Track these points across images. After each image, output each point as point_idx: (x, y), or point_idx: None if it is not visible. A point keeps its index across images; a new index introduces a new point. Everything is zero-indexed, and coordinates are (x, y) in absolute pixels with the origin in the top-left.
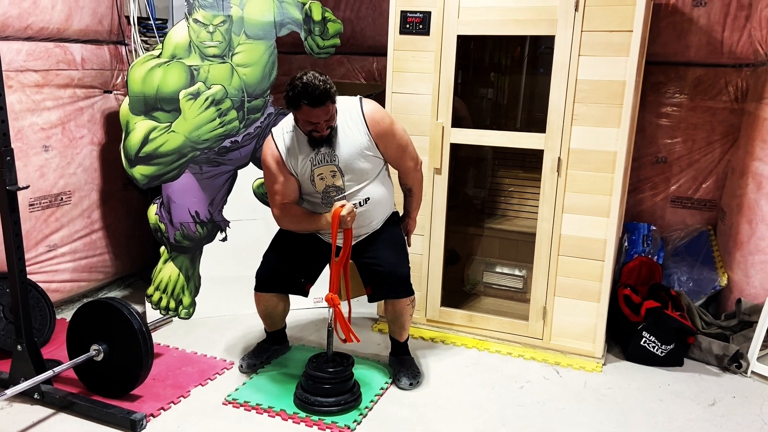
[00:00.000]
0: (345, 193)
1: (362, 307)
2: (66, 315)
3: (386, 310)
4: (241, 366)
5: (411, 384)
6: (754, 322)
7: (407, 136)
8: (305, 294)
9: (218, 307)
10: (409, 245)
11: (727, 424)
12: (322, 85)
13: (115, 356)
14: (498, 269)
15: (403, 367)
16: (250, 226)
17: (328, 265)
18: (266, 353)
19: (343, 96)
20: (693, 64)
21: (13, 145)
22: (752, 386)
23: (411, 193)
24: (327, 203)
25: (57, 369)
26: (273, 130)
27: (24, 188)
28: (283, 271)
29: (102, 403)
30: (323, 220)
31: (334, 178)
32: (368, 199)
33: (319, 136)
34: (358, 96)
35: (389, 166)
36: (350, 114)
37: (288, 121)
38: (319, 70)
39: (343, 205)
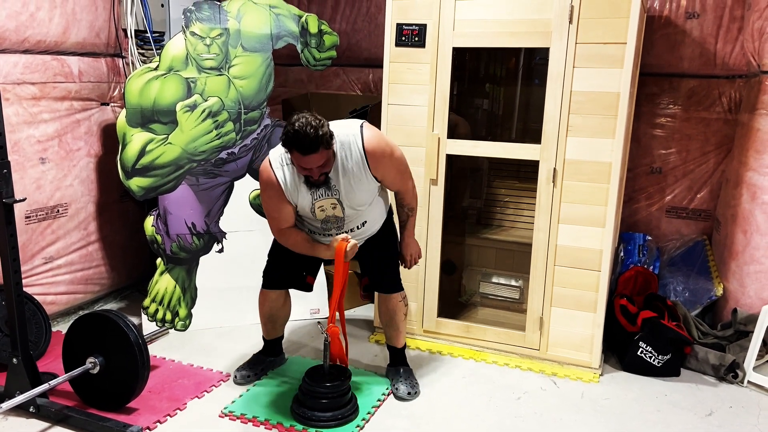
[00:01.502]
0: (344, 222)
1: (360, 311)
2: (62, 327)
3: (381, 312)
4: (236, 377)
5: (410, 393)
6: (750, 332)
7: (405, 160)
8: (309, 288)
9: (215, 318)
10: (410, 265)
11: None
12: (313, 132)
13: (111, 369)
14: (494, 279)
15: (401, 377)
16: (246, 238)
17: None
18: (261, 365)
19: (344, 122)
20: (687, 75)
21: (9, 158)
22: (749, 396)
23: (412, 212)
24: (326, 229)
25: (53, 382)
26: (271, 157)
27: (21, 201)
28: (286, 267)
29: (98, 416)
30: (321, 249)
31: (334, 210)
32: (366, 222)
33: (315, 180)
34: (360, 123)
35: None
36: (350, 149)
37: (286, 153)
38: (315, 115)
39: (346, 239)
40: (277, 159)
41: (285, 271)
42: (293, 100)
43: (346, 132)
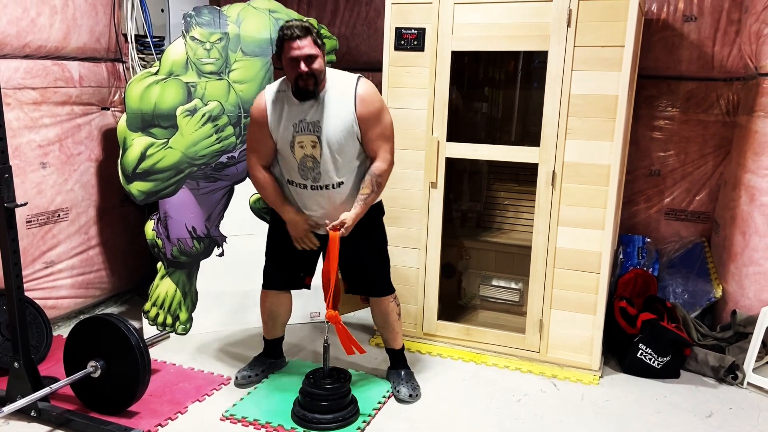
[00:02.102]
0: (320, 168)
1: (360, 314)
2: (63, 332)
3: (374, 315)
4: (237, 378)
5: (411, 396)
6: (749, 334)
7: (392, 130)
8: (308, 286)
9: (215, 322)
10: (334, 228)
11: None
12: (302, 23)
13: (113, 373)
14: (494, 282)
15: (402, 379)
16: (246, 241)
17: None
18: (262, 366)
19: (345, 72)
20: (685, 78)
21: (10, 163)
22: (749, 397)
23: (378, 187)
24: (303, 175)
25: (54, 386)
26: (266, 89)
27: (22, 205)
28: (283, 268)
29: (99, 420)
30: (287, 210)
31: (313, 148)
32: (342, 183)
33: (304, 84)
34: (359, 75)
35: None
36: (343, 90)
37: (282, 81)
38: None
39: (337, 228)
40: (271, 89)
41: (282, 271)
42: None
43: (343, 76)
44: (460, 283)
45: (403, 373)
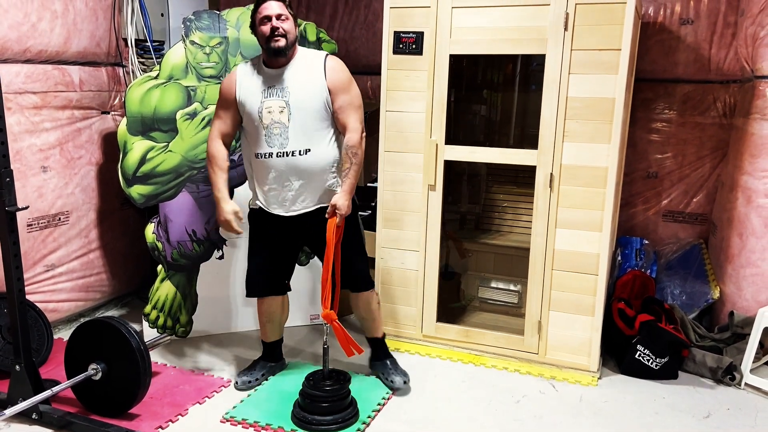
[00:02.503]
0: (288, 133)
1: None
2: (63, 335)
3: (356, 307)
4: (237, 383)
5: (405, 382)
6: (746, 335)
7: (360, 101)
8: (289, 289)
9: (215, 325)
10: (329, 215)
11: None
12: None
13: (113, 375)
14: (493, 284)
15: (390, 368)
16: (246, 244)
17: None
18: (262, 370)
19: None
20: (681, 80)
21: (12, 166)
22: (746, 398)
23: (355, 157)
24: (269, 143)
25: (55, 389)
26: (240, 63)
27: (23, 209)
28: (267, 275)
29: (100, 422)
30: (218, 191)
31: (281, 113)
32: (309, 150)
33: (276, 41)
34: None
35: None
36: (313, 61)
37: (254, 57)
38: None
39: (332, 215)
40: (243, 63)
41: (267, 279)
42: None
43: (313, 51)
44: (459, 285)
45: (389, 362)
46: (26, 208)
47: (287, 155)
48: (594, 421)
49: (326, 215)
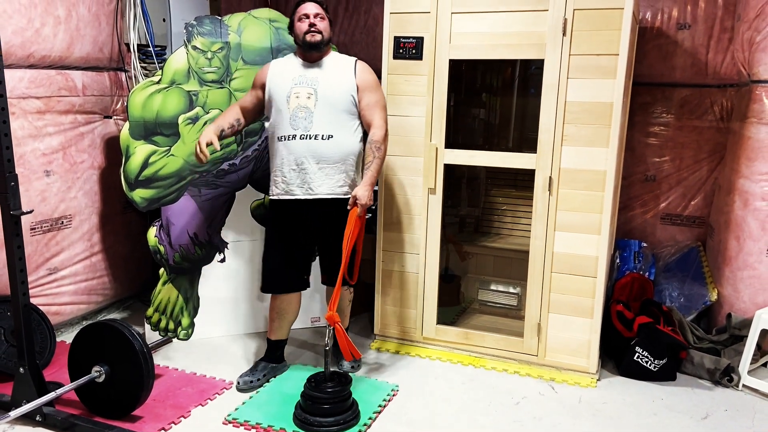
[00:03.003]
0: (312, 117)
1: (359, 319)
2: (66, 337)
3: (328, 298)
4: (239, 383)
5: (353, 366)
6: (744, 336)
7: (385, 102)
8: (307, 285)
9: (217, 327)
10: (350, 206)
11: None
12: None
13: (117, 377)
14: (493, 287)
15: (342, 355)
16: (248, 247)
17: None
18: (264, 371)
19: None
20: (679, 84)
21: (16, 171)
22: (744, 399)
23: (379, 152)
24: (293, 125)
25: (59, 391)
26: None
27: (28, 213)
28: (284, 271)
29: (103, 424)
30: (213, 123)
31: (308, 99)
32: (331, 137)
33: (312, 36)
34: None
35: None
36: (344, 62)
37: (290, 54)
38: None
39: (354, 206)
40: (282, 56)
41: (284, 275)
42: None
43: (344, 56)
44: (459, 288)
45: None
46: (31, 211)
47: (310, 138)
48: (593, 422)
49: (348, 207)
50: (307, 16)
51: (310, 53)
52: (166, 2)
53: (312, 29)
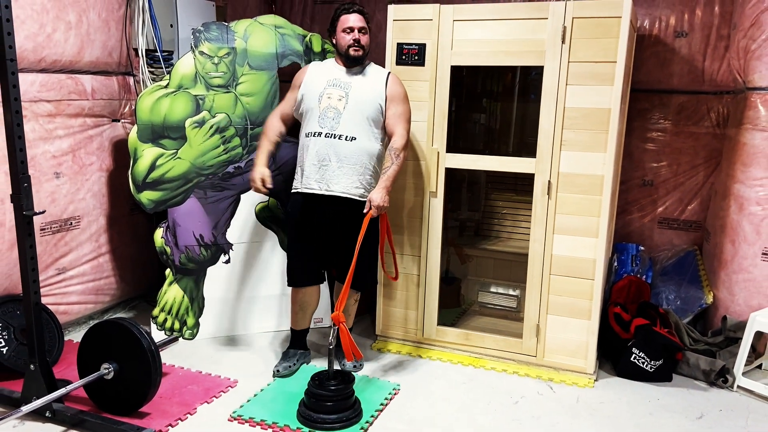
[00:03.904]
0: (341, 118)
1: (362, 320)
2: (73, 336)
3: (336, 293)
4: (278, 371)
5: (355, 366)
6: (739, 339)
7: (410, 115)
8: (324, 279)
9: (221, 327)
10: (366, 208)
11: None
12: (356, 4)
13: (125, 375)
14: (493, 289)
15: (342, 352)
16: (252, 249)
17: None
18: (296, 357)
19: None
20: (676, 91)
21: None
22: (738, 400)
23: (398, 158)
24: (321, 124)
25: (69, 387)
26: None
27: (40, 213)
28: (306, 265)
29: (112, 420)
30: (259, 156)
31: (339, 101)
32: (354, 139)
33: (356, 51)
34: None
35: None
36: (378, 72)
37: (329, 59)
38: None
39: (368, 209)
40: (321, 60)
41: (305, 269)
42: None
43: (379, 67)
44: (459, 290)
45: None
46: (43, 212)
47: (334, 137)
48: (590, 422)
49: (364, 210)
50: (352, 30)
51: (351, 65)
52: (173, 8)
53: (356, 44)
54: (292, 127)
